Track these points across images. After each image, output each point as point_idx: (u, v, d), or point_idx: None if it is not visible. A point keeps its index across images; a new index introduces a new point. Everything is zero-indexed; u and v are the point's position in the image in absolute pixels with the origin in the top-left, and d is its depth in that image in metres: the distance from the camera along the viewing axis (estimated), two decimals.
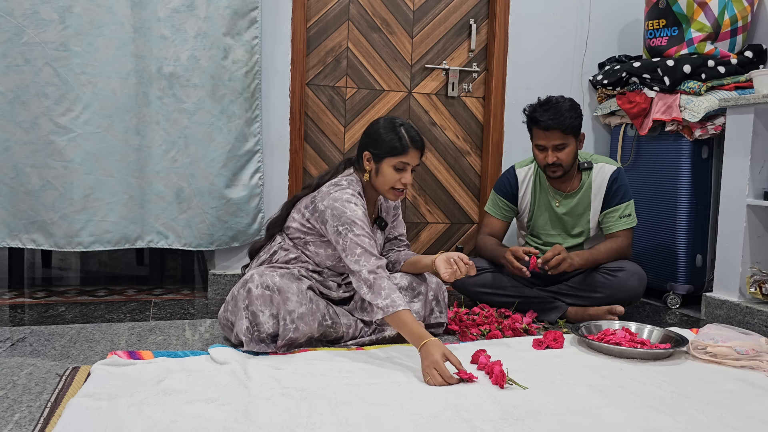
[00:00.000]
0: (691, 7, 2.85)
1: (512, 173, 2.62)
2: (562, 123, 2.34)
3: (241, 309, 1.84)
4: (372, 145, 2.00)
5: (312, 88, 2.99)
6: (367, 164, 2.02)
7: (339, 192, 1.94)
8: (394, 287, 1.80)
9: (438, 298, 2.14)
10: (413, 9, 3.11)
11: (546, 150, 2.40)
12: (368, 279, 1.80)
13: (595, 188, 2.50)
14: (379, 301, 1.76)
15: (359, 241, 1.85)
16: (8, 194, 2.49)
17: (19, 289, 2.83)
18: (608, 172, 2.50)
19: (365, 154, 2.02)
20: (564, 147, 2.38)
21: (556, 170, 2.43)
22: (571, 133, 2.37)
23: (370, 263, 1.82)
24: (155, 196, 2.64)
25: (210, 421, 1.33)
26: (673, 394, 1.59)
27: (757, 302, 2.51)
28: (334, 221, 1.90)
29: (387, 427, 1.34)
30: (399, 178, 1.98)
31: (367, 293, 1.79)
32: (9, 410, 1.41)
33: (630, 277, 2.39)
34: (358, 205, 1.92)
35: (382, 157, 1.97)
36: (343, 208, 1.90)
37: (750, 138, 2.52)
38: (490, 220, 2.65)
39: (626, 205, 2.48)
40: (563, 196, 2.53)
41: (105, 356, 1.81)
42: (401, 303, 1.75)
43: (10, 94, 2.44)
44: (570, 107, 2.38)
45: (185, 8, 2.56)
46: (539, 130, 2.38)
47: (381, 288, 1.78)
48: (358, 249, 1.84)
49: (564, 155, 2.39)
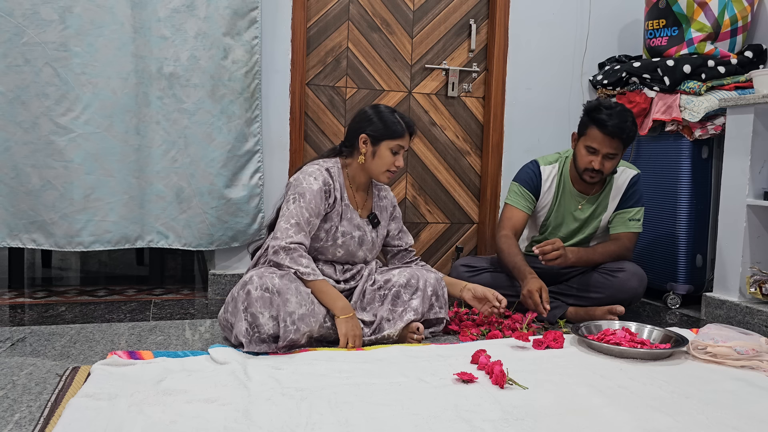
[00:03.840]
0: (691, 7, 2.85)
1: (537, 168, 2.53)
2: (627, 134, 2.29)
3: (240, 311, 1.83)
4: (370, 127, 2.06)
5: (312, 88, 2.99)
6: (363, 147, 2.07)
7: (307, 166, 2.08)
8: (311, 260, 1.95)
9: (437, 293, 2.13)
10: (413, 9, 3.11)
11: (597, 154, 2.33)
12: (289, 248, 1.92)
13: (615, 191, 2.50)
14: (300, 268, 1.90)
15: (299, 213, 1.96)
16: (8, 194, 2.49)
17: (19, 289, 2.83)
18: (629, 175, 2.50)
19: (362, 136, 2.06)
20: (614, 157, 2.34)
21: (595, 176, 2.37)
22: (626, 146, 2.34)
23: (298, 237, 1.93)
24: (155, 196, 2.64)
25: (210, 421, 1.33)
26: (673, 394, 1.59)
27: (757, 302, 2.51)
28: (291, 190, 2.01)
29: (387, 427, 1.34)
30: (394, 160, 2.06)
31: (285, 258, 1.91)
32: (9, 410, 1.41)
33: (630, 277, 2.38)
34: (318, 180, 2.01)
35: (381, 140, 2.04)
36: (303, 179, 2.01)
37: (750, 138, 2.52)
38: (513, 212, 2.52)
39: (638, 210, 2.48)
40: (586, 199, 2.51)
41: (105, 356, 1.81)
42: (321, 275, 1.94)
43: (11, 94, 2.44)
44: (633, 121, 2.33)
45: (185, 8, 2.56)
46: (600, 133, 2.30)
47: (301, 258, 1.92)
48: (293, 219, 1.95)
49: (610, 165, 2.35)
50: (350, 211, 2.11)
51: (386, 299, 2.05)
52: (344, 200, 2.10)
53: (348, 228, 2.09)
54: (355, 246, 2.11)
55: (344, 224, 2.09)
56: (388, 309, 2.03)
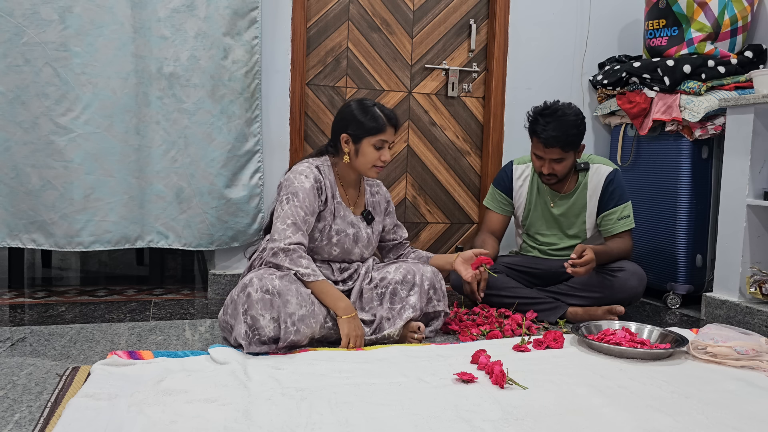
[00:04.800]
0: (691, 7, 2.85)
1: (509, 168, 2.64)
2: (563, 141, 2.31)
3: (239, 313, 1.82)
4: (349, 126, 2.05)
5: (312, 88, 2.99)
6: (346, 146, 2.07)
7: (296, 165, 2.07)
8: (312, 262, 1.94)
9: (435, 286, 2.12)
10: (413, 9, 3.11)
11: (543, 160, 2.39)
12: (288, 248, 1.90)
13: (591, 189, 2.50)
14: (300, 269, 1.90)
15: (295, 212, 1.95)
16: (8, 194, 2.49)
17: (19, 289, 2.83)
18: (604, 173, 2.49)
19: (343, 136, 2.06)
20: (562, 161, 2.38)
21: (551, 179, 2.45)
22: (570, 150, 2.35)
23: (296, 237, 1.92)
24: (155, 196, 2.64)
25: (210, 421, 1.33)
26: (673, 394, 1.59)
27: (757, 302, 2.51)
28: (283, 191, 2.00)
29: (387, 427, 1.34)
30: (379, 156, 2.05)
31: (285, 260, 1.90)
32: (9, 410, 1.41)
33: (630, 277, 2.39)
34: (309, 177, 2.01)
35: (361, 138, 2.04)
36: (294, 178, 2.01)
37: (750, 138, 2.52)
38: (489, 214, 2.67)
39: (624, 206, 2.48)
40: (559, 196, 2.53)
41: (105, 356, 1.81)
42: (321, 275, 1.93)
43: (10, 94, 2.44)
44: (573, 123, 2.32)
45: (185, 8, 2.56)
46: (539, 143, 2.36)
47: (300, 259, 1.91)
48: (289, 220, 1.94)
49: (561, 168, 2.40)
50: (343, 208, 2.11)
51: (384, 297, 2.04)
52: (336, 198, 2.10)
53: (342, 226, 2.09)
54: (350, 244, 2.11)
55: (338, 222, 2.08)
56: (387, 308, 2.03)
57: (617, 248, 2.44)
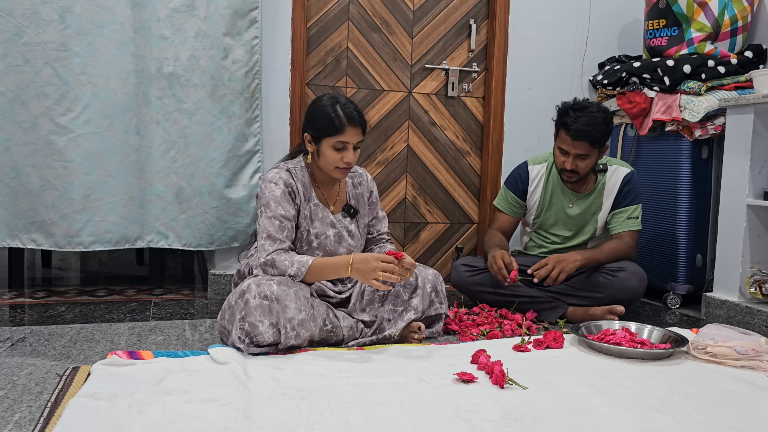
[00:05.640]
0: (691, 7, 2.85)
1: (524, 169, 2.61)
2: (593, 136, 2.32)
3: (236, 320, 1.80)
4: (310, 126, 1.99)
5: (312, 88, 2.98)
6: (309, 146, 2.01)
7: (267, 172, 2.02)
8: (292, 254, 1.88)
9: (436, 289, 2.11)
10: (413, 9, 3.11)
11: (568, 155, 2.39)
12: (268, 260, 1.87)
13: (608, 190, 2.51)
14: (291, 271, 1.84)
15: (269, 224, 1.91)
16: (8, 194, 2.49)
17: (19, 289, 2.83)
18: (622, 174, 2.51)
19: (305, 135, 2.01)
20: (586, 157, 2.38)
21: (572, 176, 2.44)
22: (597, 147, 2.36)
23: (273, 247, 1.89)
24: (155, 196, 2.64)
25: (210, 421, 1.33)
26: (673, 394, 1.59)
27: (757, 302, 2.51)
28: (258, 204, 1.97)
29: (387, 427, 1.34)
30: (341, 157, 1.95)
31: (272, 271, 1.87)
32: (9, 410, 1.41)
33: (630, 277, 2.39)
34: (279, 184, 1.95)
35: (320, 138, 1.96)
36: (264, 188, 1.96)
37: (750, 138, 2.52)
38: (498, 215, 2.66)
39: (635, 207, 2.49)
40: (577, 197, 2.53)
41: (105, 356, 1.81)
42: (307, 258, 1.87)
43: (10, 94, 2.44)
44: (603, 120, 2.34)
45: (185, 8, 2.56)
46: (567, 136, 2.36)
47: (283, 261, 1.86)
48: (264, 233, 1.91)
49: (584, 165, 2.39)
50: (321, 210, 2.05)
51: (386, 299, 2.04)
52: (312, 201, 2.03)
53: (321, 228, 2.03)
54: (332, 245, 2.05)
55: (316, 225, 2.03)
56: (388, 309, 2.03)
57: (609, 248, 2.44)
